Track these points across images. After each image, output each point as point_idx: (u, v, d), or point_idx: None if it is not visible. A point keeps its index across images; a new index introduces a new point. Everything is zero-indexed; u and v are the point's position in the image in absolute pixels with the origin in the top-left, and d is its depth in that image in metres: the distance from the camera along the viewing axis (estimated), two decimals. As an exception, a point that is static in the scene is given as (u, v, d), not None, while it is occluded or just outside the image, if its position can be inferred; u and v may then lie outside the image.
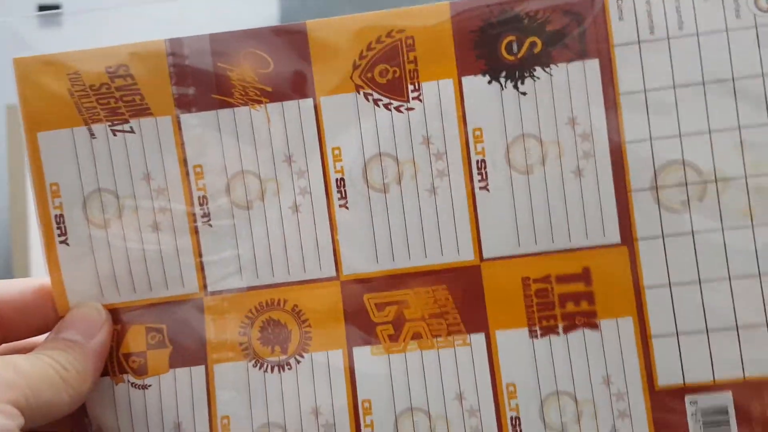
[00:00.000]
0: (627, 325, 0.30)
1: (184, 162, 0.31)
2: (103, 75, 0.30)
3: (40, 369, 0.27)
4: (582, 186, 0.30)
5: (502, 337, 0.30)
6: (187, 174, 0.31)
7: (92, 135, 0.30)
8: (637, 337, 0.30)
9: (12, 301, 0.30)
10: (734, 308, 0.29)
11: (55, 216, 0.30)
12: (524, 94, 0.30)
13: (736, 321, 0.29)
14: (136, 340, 0.31)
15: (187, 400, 0.31)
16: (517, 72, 0.30)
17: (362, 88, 0.30)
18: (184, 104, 0.30)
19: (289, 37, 0.30)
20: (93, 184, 0.30)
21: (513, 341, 0.30)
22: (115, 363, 0.31)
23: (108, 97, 0.30)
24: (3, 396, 0.25)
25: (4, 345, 0.30)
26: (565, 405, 0.30)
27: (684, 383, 0.29)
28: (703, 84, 0.29)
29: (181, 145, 0.31)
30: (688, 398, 0.29)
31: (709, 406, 0.29)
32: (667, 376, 0.29)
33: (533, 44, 0.30)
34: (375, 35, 0.30)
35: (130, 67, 0.30)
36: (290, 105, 0.30)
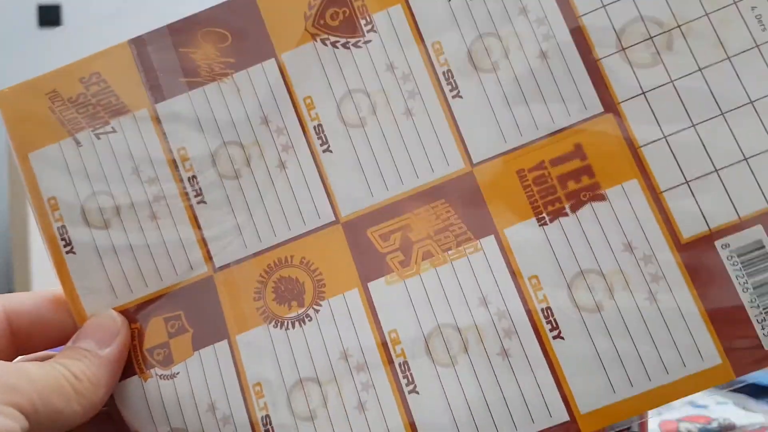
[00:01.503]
0: (634, 187, 0.29)
1: (167, 148, 0.31)
2: (79, 86, 0.32)
3: (51, 377, 0.27)
4: (551, 67, 0.30)
5: (511, 233, 0.29)
6: (173, 158, 0.31)
7: (78, 143, 0.32)
8: (648, 196, 0.29)
9: (27, 313, 0.30)
10: (736, 141, 0.28)
11: (58, 228, 0.31)
12: (471, -2, 0.31)
13: (742, 152, 0.28)
14: (157, 332, 0.31)
15: (217, 378, 0.30)
16: (458, -20, 0.31)
17: (318, 35, 0.31)
18: (157, 94, 0.32)
19: (240, 8, 0.32)
20: (88, 189, 0.31)
21: (524, 234, 0.29)
22: (140, 360, 0.30)
23: (86, 105, 0.32)
24: (7, 399, 0.25)
25: (21, 357, 0.30)
26: (594, 283, 0.28)
27: (709, 229, 0.28)
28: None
29: (161, 132, 0.32)
30: (718, 243, 0.28)
31: (743, 245, 0.28)
32: (690, 227, 0.28)
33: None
34: None
35: (101, 73, 0.32)
36: (255, 70, 0.32)
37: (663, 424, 0.48)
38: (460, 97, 0.30)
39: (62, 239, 0.31)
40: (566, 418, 0.28)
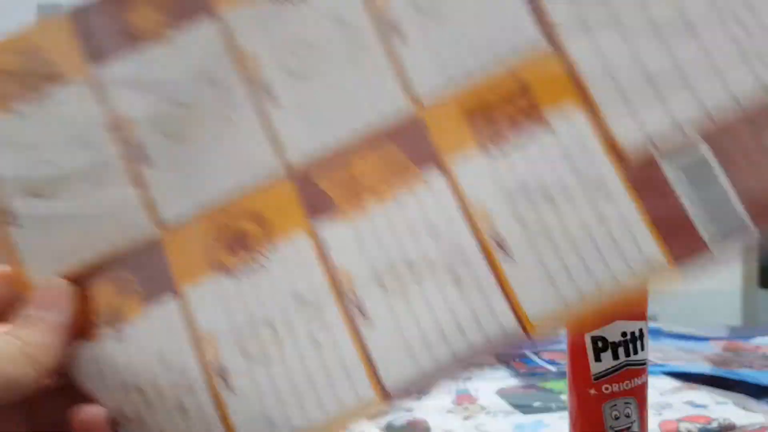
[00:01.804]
0: (575, 111, 0.29)
1: (108, 112, 0.31)
2: (15, 57, 0.32)
3: (1, 347, 0.27)
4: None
5: (456, 165, 0.29)
6: (115, 122, 0.31)
7: (17, 115, 0.31)
8: (590, 119, 0.29)
9: None
10: (674, 60, 0.29)
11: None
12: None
13: (682, 71, 0.29)
14: (105, 295, 0.30)
15: (168, 333, 0.29)
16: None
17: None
18: (96, 59, 0.32)
19: None
20: (29, 159, 0.31)
21: (470, 165, 0.29)
22: (91, 324, 0.30)
23: (23, 76, 0.32)
24: None
25: None
26: (540, 203, 0.28)
27: (655, 146, 0.28)
28: None
29: (101, 97, 0.31)
30: (663, 161, 0.28)
31: (689, 162, 0.28)
32: (634, 146, 0.28)
33: None
34: None
35: (38, 43, 0.32)
36: (194, 27, 0.32)
37: (663, 424, 0.48)
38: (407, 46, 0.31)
39: (5, 212, 0.31)
40: (518, 330, 0.28)
